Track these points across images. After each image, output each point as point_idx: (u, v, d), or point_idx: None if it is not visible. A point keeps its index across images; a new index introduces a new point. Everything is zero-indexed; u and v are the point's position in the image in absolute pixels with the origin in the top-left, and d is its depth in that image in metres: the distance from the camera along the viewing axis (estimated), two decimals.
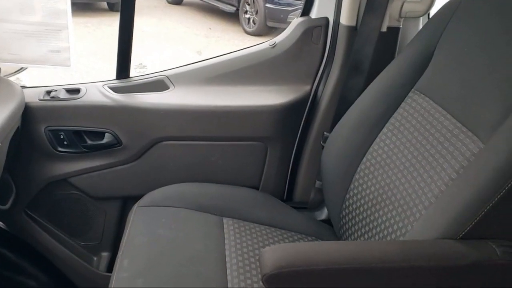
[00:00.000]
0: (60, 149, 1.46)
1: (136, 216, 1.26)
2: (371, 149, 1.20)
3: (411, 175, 1.03)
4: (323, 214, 1.51)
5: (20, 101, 1.36)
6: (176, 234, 1.19)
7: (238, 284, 1.05)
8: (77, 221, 1.59)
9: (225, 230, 1.25)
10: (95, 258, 1.63)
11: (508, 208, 0.78)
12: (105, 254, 1.63)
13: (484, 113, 0.92)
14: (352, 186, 1.21)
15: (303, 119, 1.56)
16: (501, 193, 0.76)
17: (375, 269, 0.75)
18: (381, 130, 1.20)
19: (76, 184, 1.52)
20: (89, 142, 1.47)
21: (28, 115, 1.42)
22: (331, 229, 1.34)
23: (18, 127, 1.37)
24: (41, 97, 1.44)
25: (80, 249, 1.60)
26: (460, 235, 0.78)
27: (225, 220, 1.30)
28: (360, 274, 0.76)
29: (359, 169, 1.21)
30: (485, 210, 0.77)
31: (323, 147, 1.41)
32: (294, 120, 1.55)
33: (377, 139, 1.20)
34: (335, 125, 1.34)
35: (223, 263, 1.12)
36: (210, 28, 6.76)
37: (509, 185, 0.76)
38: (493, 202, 0.77)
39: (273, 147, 1.54)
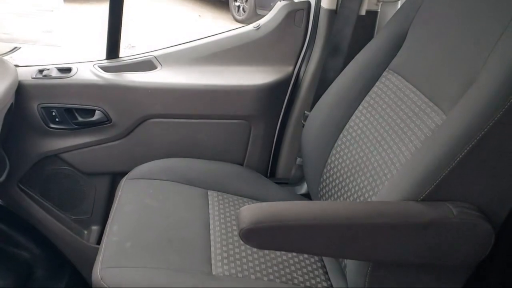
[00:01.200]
0: (52, 125, 1.52)
1: (125, 188, 1.33)
2: (347, 125, 1.28)
3: (382, 147, 1.11)
4: (303, 188, 1.59)
5: (13, 79, 1.42)
6: (163, 203, 1.26)
7: (221, 247, 1.13)
8: (68, 195, 1.65)
9: (209, 202, 1.32)
10: (85, 232, 1.70)
11: (464, 172, 0.85)
12: (95, 228, 1.70)
13: (447, 88, 1.00)
14: (329, 160, 1.29)
15: (286, 99, 1.63)
16: (458, 159, 0.84)
17: (341, 226, 0.83)
18: (357, 107, 1.28)
19: (67, 159, 1.58)
20: (80, 119, 1.53)
21: (21, 92, 1.47)
22: None
23: (11, 104, 1.43)
24: (34, 76, 1.49)
25: (71, 223, 1.67)
26: (421, 197, 0.86)
27: (209, 192, 1.37)
28: (327, 230, 0.83)
29: (336, 145, 1.28)
30: (444, 174, 0.85)
31: (304, 125, 1.48)
32: (277, 100, 1.62)
33: (353, 116, 1.27)
34: (315, 104, 1.42)
35: (207, 229, 1.19)
36: (199, 16, 6.78)
37: (466, 151, 0.84)
38: (451, 167, 0.85)
39: (257, 126, 1.61)
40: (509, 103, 0.82)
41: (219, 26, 6.22)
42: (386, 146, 1.10)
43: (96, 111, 1.52)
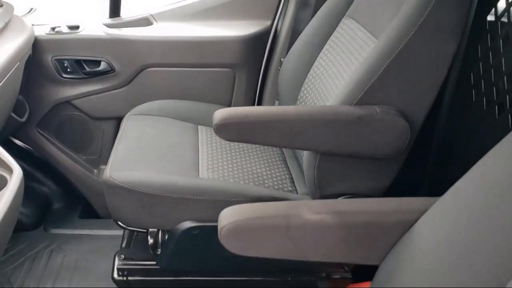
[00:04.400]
0: (64, 75, 1.78)
1: (128, 121, 1.59)
2: (313, 66, 1.52)
3: (335, 76, 1.36)
4: None
5: (30, 34, 1.67)
6: (159, 131, 1.52)
7: (207, 161, 1.38)
8: (80, 138, 1.91)
9: (199, 133, 1.57)
10: (95, 170, 1.96)
11: (387, 80, 1.09)
12: (103, 167, 1.96)
13: (383, 21, 1.24)
14: (298, 97, 1.53)
15: (267, 49, 1.87)
16: (382, 69, 1.08)
17: (290, 121, 1.08)
18: (320, 51, 1.52)
19: (78, 105, 1.84)
20: (88, 69, 1.79)
21: (37, 46, 1.73)
22: None
23: (30, 55, 1.68)
24: (47, 32, 1.75)
25: (83, 162, 1.93)
26: (354, 102, 1.11)
27: (199, 127, 1.62)
28: (279, 124, 1.08)
29: (304, 83, 1.53)
30: (370, 83, 1.09)
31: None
32: (258, 50, 1.86)
33: (318, 58, 1.51)
34: (288, 49, 1.66)
35: (196, 149, 1.44)
36: None
37: (387, 63, 1.07)
38: (376, 76, 1.09)
39: (241, 73, 1.85)
40: (421, 21, 1.05)
41: None
42: (339, 75, 1.35)
43: (102, 62, 1.78)
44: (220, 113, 1.08)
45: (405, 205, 0.77)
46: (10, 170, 1.08)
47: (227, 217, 0.76)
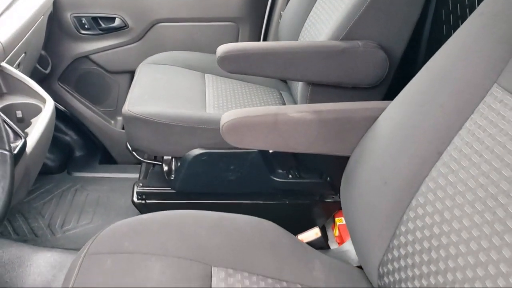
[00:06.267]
0: (82, 31, 1.95)
1: (142, 69, 1.75)
2: (309, 16, 1.66)
3: (327, 16, 1.51)
4: None
5: None
6: (170, 77, 1.69)
7: (213, 101, 1.55)
8: (97, 91, 2.09)
9: (205, 80, 1.74)
10: (112, 121, 2.14)
11: (368, 17, 1.24)
12: (119, 118, 2.14)
13: None
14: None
15: (268, 3, 2.02)
16: (363, 8, 1.24)
17: (284, 53, 1.24)
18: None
19: (95, 60, 2.02)
20: (103, 25, 1.95)
21: (57, 4, 1.89)
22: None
23: (51, 12, 1.85)
24: None
25: (101, 114, 2.12)
26: (340, 38, 1.27)
27: (206, 75, 1.78)
28: (274, 55, 1.25)
29: (301, 31, 1.68)
30: (354, 20, 1.25)
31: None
32: (260, 4, 2.01)
33: (314, 8, 1.66)
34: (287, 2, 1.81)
35: (203, 92, 1.61)
36: None
37: (368, 2, 1.23)
38: (358, 14, 1.24)
39: (244, 27, 2.01)
40: None
41: None
42: (329, 18, 1.50)
43: (116, 18, 1.94)
44: (223, 47, 1.25)
45: (371, 105, 0.94)
46: (43, 101, 1.26)
47: (227, 116, 0.93)
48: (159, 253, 0.85)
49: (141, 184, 1.53)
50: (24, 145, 0.95)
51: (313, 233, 1.02)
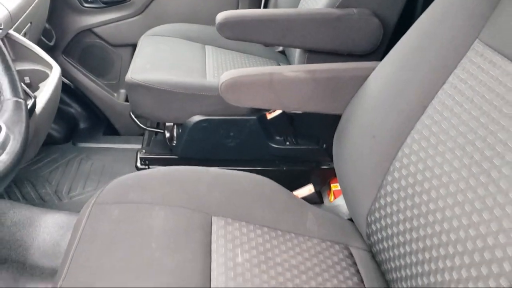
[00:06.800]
0: (85, 4, 1.99)
1: (144, 40, 1.80)
2: None
3: None
4: None
5: None
6: (171, 48, 1.73)
7: (213, 70, 1.60)
8: (101, 64, 2.14)
9: (206, 51, 1.78)
10: (115, 94, 2.19)
11: None
12: (122, 91, 2.19)
13: None
14: None
15: None
16: None
17: (281, 20, 1.29)
18: None
19: (98, 33, 2.06)
20: None
21: None
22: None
23: None
24: None
25: (104, 86, 2.17)
26: (336, 6, 1.32)
27: (206, 47, 1.83)
28: (272, 22, 1.29)
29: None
30: None
31: None
32: None
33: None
34: None
35: (203, 62, 1.66)
36: None
37: None
38: None
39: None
40: None
41: None
42: None
43: None
44: (222, 14, 1.30)
45: (363, 65, 0.99)
46: (50, 67, 1.31)
47: (225, 76, 0.98)
48: (162, 203, 0.90)
49: (144, 151, 1.59)
50: (34, 103, 1.00)
51: (307, 189, 1.08)
